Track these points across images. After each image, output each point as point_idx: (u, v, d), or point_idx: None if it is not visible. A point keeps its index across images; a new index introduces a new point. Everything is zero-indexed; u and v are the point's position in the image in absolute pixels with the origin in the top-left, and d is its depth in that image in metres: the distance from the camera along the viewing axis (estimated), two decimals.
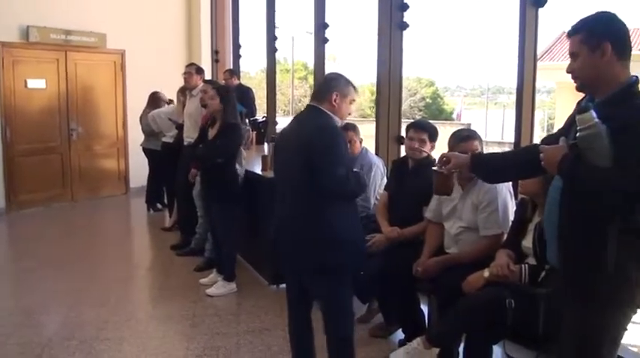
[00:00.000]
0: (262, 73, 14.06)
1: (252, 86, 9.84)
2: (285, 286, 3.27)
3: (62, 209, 8.49)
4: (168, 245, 6.23)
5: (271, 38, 8.28)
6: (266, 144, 7.73)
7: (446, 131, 3.62)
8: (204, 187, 5.14)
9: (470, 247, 3.38)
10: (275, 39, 8.30)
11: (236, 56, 9.86)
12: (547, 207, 2.24)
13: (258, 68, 29.07)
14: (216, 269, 5.10)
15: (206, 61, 9.68)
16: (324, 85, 3.00)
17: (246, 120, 7.36)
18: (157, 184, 7.95)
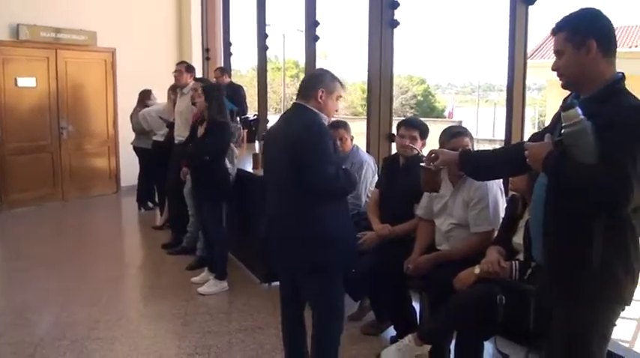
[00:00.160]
0: (253, 71, 14.05)
1: (243, 84, 9.84)
2: (277, 284, 3.26)
3: (53, 208, 8.45)
4: (159, 244, 6.22)
5: (262, 36, 8.27)
6: (257, 142, 7.74)
7: (437, 128, 3.62)
8: (194, 186, 5.14)
9: (461, 244, 3.39)
10: (266, 37, 8.29)
11: (227, 54, 9.84)
12: (532, 204, 2.23)
13: (249, 66, 29.07)
14: (207, 267, 5.09)
15: (197, 59, 9.67)
16: (309, 82, 2.96)
17: (237, 118, 7.36)
18: (148, 183, 7.91)
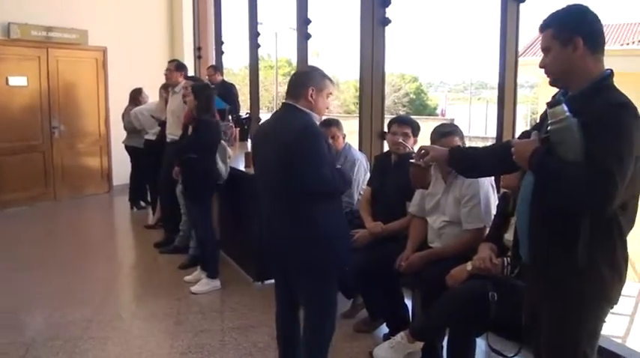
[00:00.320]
0: (246, 70, 14.01)
1: (235, 82, 9.83)
2: (269, 283, 3.25)
3: (45, 208, 8.41)
4: (151, 243, 6.20)
5: (254, 34, 8.23)
6: (249, 140, 7.72)
7: (429, 126, 3.61)
8: (183, 186, 5.16)
9: (453, 241, 3.40)
10: (257, 35, 8.25)
11: (219, 52, 9.81)
12: (519, 202, 2.20)
13: (241, 64, 29.00)
14: (200, 266, 5.08)
15: (189, 58, 9.64)
16: (298, 81, 2.86)
17: (229, 116, 7.35)
18: (140, 182, 7.89)
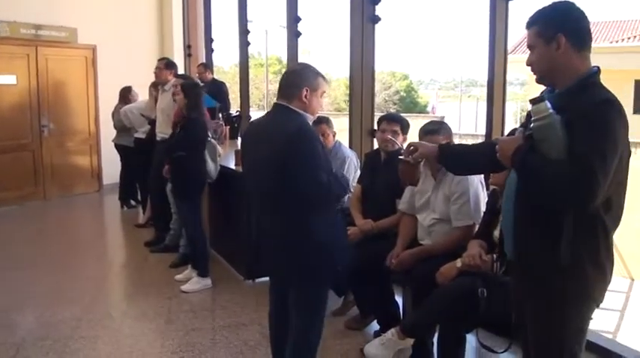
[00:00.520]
0: (236, 68, 13.97)
1: (226, 80, 9.81)
2: (260, 281, 3.24)
3: (35, 207, 8.36)
4: (142, 242, 6.18)
5: (243, 32, 8.20)
6: (240, 138, 7.70)
7: (420, 124, 3.60)
8: (171, 184, 5.16)
9: (443, 238, 3.41)
10: (247, 33, 8.23)
11: (209, 50, 9.78)
12: (504, 199, 2.20)
13: (232, 62, 28.92)
14: (191, 264, 5.07)
15: (179, 56, 9.63)
16: (291, 81, 2.72)
17: (219, 114, 7.34)
18: (130, 181, 7.85)
